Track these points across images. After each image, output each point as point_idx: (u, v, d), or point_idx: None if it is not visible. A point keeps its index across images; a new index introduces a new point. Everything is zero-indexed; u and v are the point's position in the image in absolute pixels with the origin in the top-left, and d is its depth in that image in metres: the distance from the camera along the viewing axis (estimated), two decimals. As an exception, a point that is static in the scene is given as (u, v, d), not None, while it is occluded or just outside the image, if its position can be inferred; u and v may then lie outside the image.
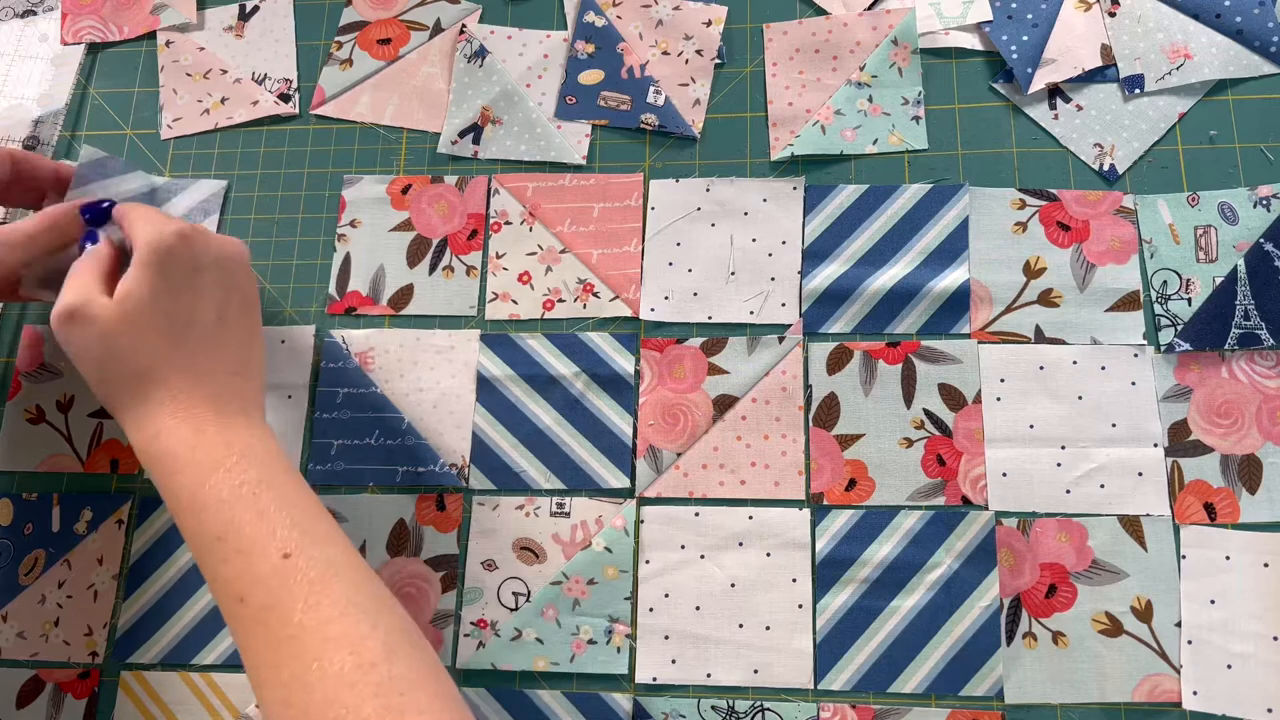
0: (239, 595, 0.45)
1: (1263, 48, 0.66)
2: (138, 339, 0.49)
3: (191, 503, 0.47)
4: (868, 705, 0.57)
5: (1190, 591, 0.57)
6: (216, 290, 0.53)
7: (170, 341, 0.50)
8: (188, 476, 0.47)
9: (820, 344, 0.63)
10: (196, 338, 0.51)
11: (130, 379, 0.50)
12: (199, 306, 0.52)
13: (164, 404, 0.49)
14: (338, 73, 0.73)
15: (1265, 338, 0.59)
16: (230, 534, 0.46)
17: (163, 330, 0.50)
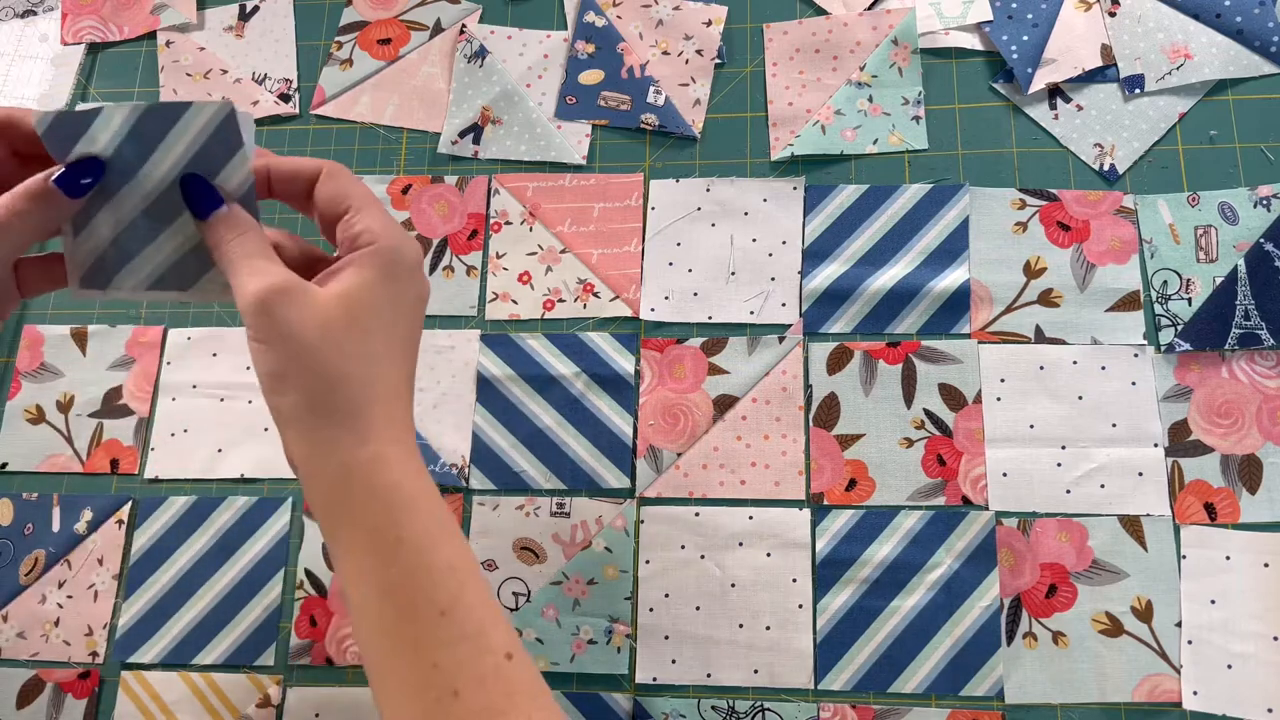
0: (454, 690, 0.37)
1: (1263, 48, 0.66)
2: (365, 341, 0.40)
3: (418, 560, 0.38)
4: (868, 705, 0.57)
5: (1190, 591, 0.57)
6: (420, 329, 0.44)
7: (390, 354, 0.41)
8: (417, 525, 0.39)
9: (820, 344, 0.63)
10: (407, 363, 0.43)
11: (353, 391, 0.40)
12: (413, 333, 0.43)
13: (384, 426, 0.40)
14: (338, 73, 0.73)
15: (1265, 338, 0.59)
16: (459, 612, 0.38)
17: (387, 340, 0.41)
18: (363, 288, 0.41)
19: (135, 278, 0.44)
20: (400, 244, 0.42)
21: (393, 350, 0.42)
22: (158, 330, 0.68)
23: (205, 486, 0.64)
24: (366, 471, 0.39)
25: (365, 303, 0.41)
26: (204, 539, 0.63)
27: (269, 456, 0.64)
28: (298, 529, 0.63)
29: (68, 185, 0.41)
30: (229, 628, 0.61)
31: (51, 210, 0.41)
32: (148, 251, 0.44)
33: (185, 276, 0.45)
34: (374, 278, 0.41)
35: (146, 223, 0.44)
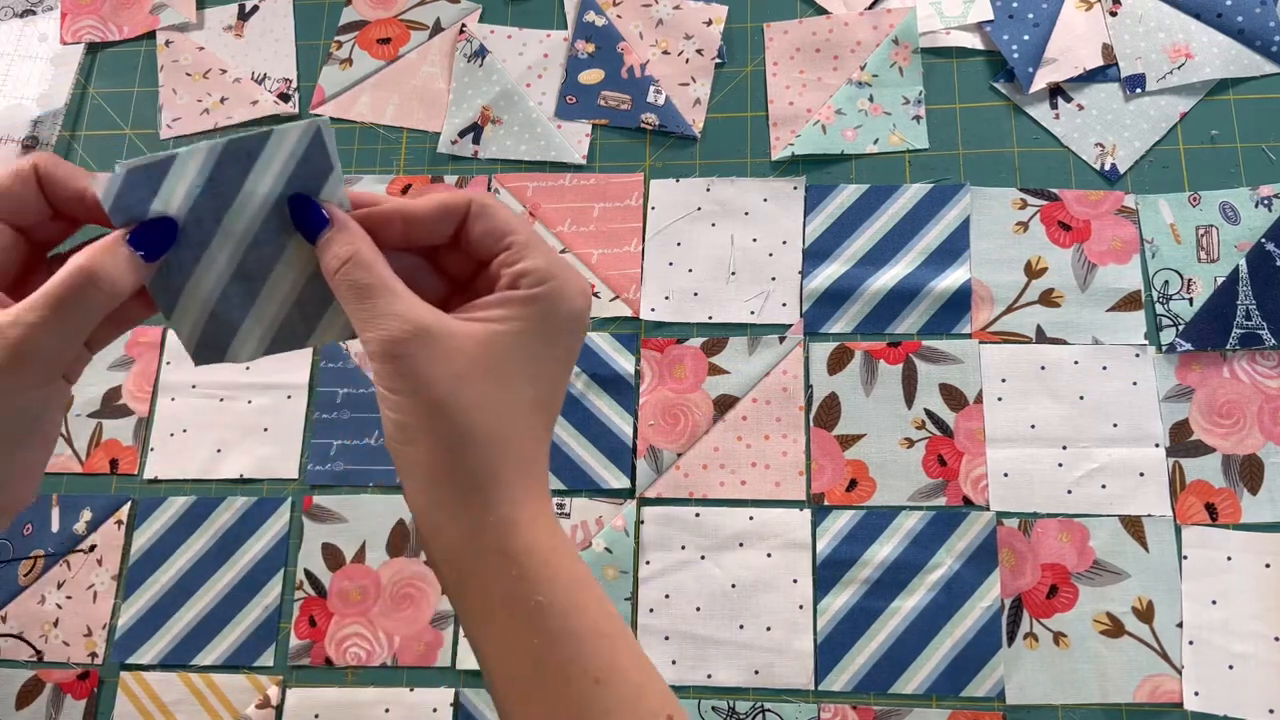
0: None
1: (1264, 47, 0.66)
2: (506, 394, 0.36)
3: (561, 627, 0.35)
4: (868, 706, 0.57)
5: (1191, 592, 0.57)
6: (568, 376, 0.39)
7: (531, 408, 0.37)
8: (556, 590, 0.35)
9: (821, 344, 0.63)
10: (550, 415, 0.38)
11: (491, 450, 0.36)
12: (560, 384, 0.38)
13: (516, 485, 0.36)
14: (337, 72, 0.73)
15: (1267, 338, 0.59)
16: (614, 677, 0.35)
17: (531, 392, 0.37)
18: (510, 335, 0.35)
19: (248, 347, 0.39)
20: (567, 290, 0.36)
21: (535, 404, 0.37)
22: (157, 330, 0.67)
23: (205, 487, 0.64)
24: (498, 535, 0.35)
25: (511, 352, 0.35)
26: (203, 539, 0.63)
27: (268, 457, 0.64)
28: (297, 529, 0.63)
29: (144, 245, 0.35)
30: (228, 628, 0.61)
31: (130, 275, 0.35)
32: (251, 317, 0.39)
33: (296, 334, 0.39)
34: (528, 326, 0.36)
35: (239, 286, 0.38)
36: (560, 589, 0.36)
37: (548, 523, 0.37)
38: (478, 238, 0.36)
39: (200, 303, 0.38)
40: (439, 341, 0.34)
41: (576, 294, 0.37)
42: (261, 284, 0.39)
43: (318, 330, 0.39)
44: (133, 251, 0.34)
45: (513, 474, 0.36)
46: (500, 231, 0.36)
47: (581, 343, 0.39)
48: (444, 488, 0.35)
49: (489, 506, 0.35)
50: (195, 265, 0.37)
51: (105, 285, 0.33)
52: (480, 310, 0.36)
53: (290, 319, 0.39)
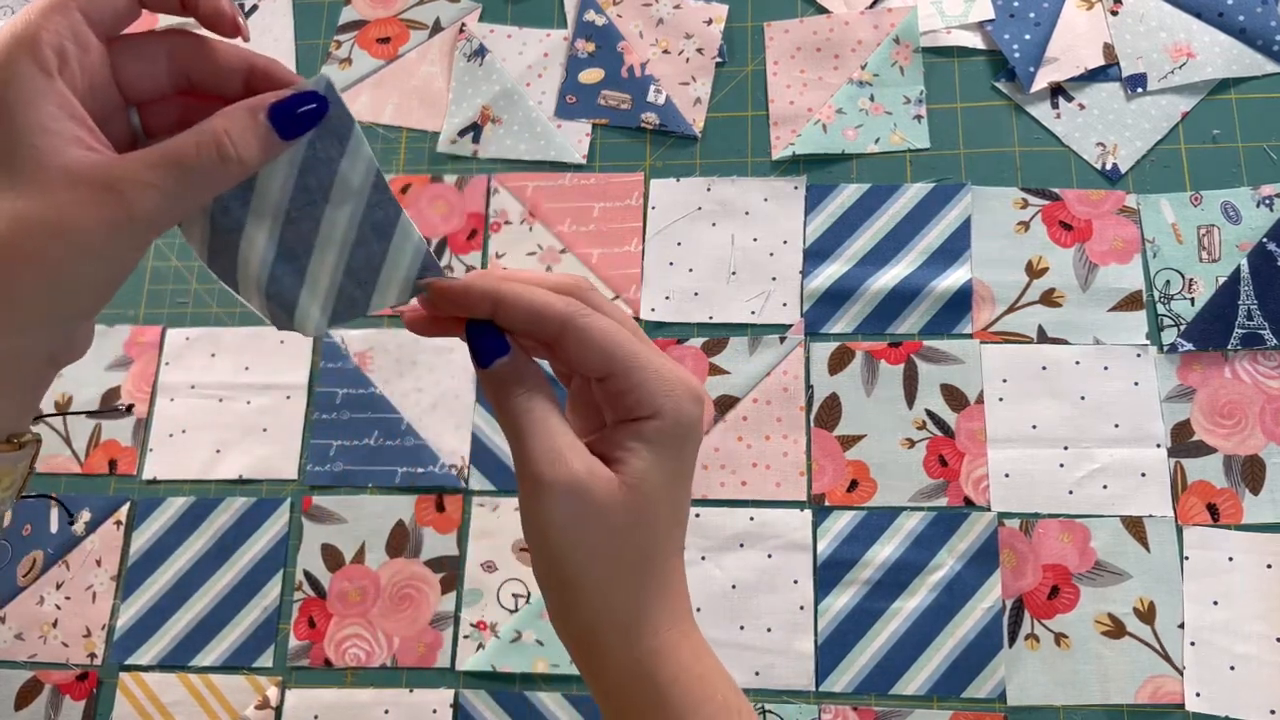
0: None
1: (1265, 47, 0.66)
2: (647, 535, 0.35)
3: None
4: (869, 707, 0.56)
5: (1193, 592, 0.57)
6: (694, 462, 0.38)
7: (670, 539, 0.36)
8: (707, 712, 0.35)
9: (822, 344, 0.63)
10: (683, 535, 0.38)
11: (633, 592, 0.35)
12: (688, 504, 0.38)
13: (669, 615, 0.36)
14: (337, 72, 0.73)
15: (1269, 338, 0.59)
16: None
17: (668, 525, 0.36)
18: (650, 478, 0.34)
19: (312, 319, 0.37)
20: (682, 406, 0.34)
21: (672, 529, 0.36)
22: (156, 330, 0.67)
23: (204, 487, 0.64)
24: (646, 668, 0.35)
25: (653, 493, 0.34)
26: (202, 540, 0.62)
27: (267, 457, 0.64)
28: (296, 530, 0.62)
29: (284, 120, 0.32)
30: (227, 629, 0.61)
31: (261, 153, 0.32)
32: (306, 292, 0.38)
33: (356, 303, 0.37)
34: (664, 463, 0.34)
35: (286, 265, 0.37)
36: (708, 712, 0.35)
37: (692, 647, 0.37)
38: (575, 358, 0.34)
39: (255, 282, 0.37)
40: (593, 497, 0.33)
41: (691, 404, 0.35)
42: (307, 260, 0.37)
43: (375, 296, 0.37)
44: (271, 127, 0.32)
45: (655, 606, 0.36)
46: (600, 355, 0.33)
47: (699, 445, 0.37)
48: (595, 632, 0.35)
49: (636, 642, 0.35)
50: (237, 248, 0.36)
51: (234, 158, 0.31)
52: (616, 451, 0.34)
53: (346, 289, 0.38)
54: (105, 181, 0.29)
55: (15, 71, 0.29)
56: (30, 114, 0.29)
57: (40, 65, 0.30)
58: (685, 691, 0.35)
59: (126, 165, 0.30)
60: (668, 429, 0.34)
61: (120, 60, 0.34)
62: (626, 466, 0.34)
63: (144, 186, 0.30)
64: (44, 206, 0.28)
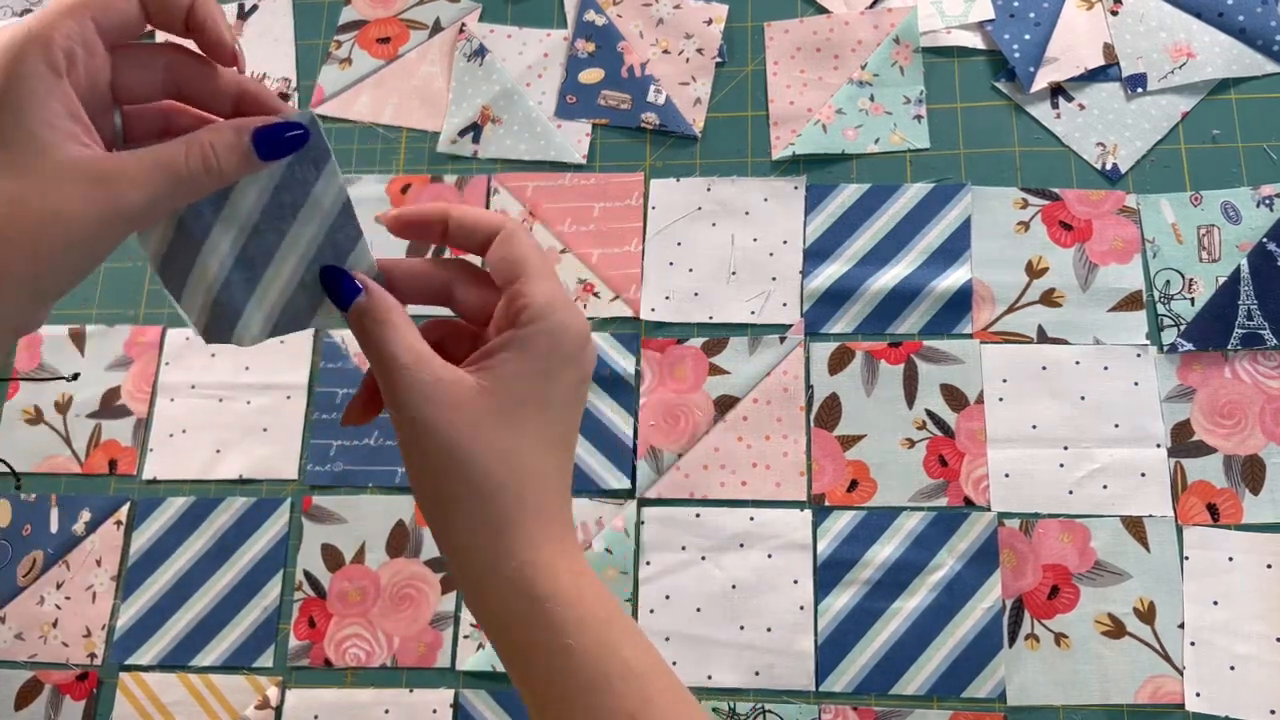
0: None
1: (1265, 47, 0.66)
2: (515, 437, 0.37)
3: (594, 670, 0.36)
4: (869, 707, 0.56)
5: (1193, 592, 0.57)
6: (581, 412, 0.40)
7: (546, 451, 0.38)
8: (588, 631, 0.36)
9: (822, 344, 0.63)
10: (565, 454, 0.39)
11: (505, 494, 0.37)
12: (571, 422, 0.39)
13: (537, 529, 0.37)
14: (337, 72, 0.73)
15: (1269, 338, 0.59)
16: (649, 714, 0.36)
17: (542, 434, 0.38)
18: (515, 378, 0.36)
19: (252, 330, 0.40)
20: (563, 322, 0.37)
21: (548, 444, 0.38)
22: (156, 330, 0.67)
23: (204, 487, 0.64)
24: (521, 581, 0.36)
25: (517, 395, 0.37)
26: (202, 540, 0.62)
27: (267, 457, 0.64)
28: (296, 530, 0.62)
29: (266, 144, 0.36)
30: (228, 629, 0.61)
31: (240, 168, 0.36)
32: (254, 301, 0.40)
33: (300, 316, 0.41)
34: (528, 365, 0.37)
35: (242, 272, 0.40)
36: (589, 631, 0.36)
37: (571, 564, 0.37)
38: (495, 265, 0.38)
39: (205, 287, 0.40)
40: (450, 391, 0.35)
41: (573, 325, 0.37)
42: (264, 269, 0.40)
43: (320, 312, 0.40)
44: (252, 148, 0.35)
45: (531, 518, 0.37)
46: (515, 261, 0.37)
47: (587, 380, 0.39)
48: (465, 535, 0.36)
49: (509, 554, 0.36)
50: (198, 252, 0.39)
51: (216, 170, 0.35)
52: (486, 357, 0.37)
53: (294, 302, 0.41)
54: (99, 176, 0.32)
55: (28, 68, 0.32)
56: (38, 109, 0.32)
57: (51, 65, 0.33)
58: (565, 607, 0.36)
59: (119, 163, 0.33)
60: (543, 335, 0.36)
61: (121, 65, 0.37)
62: (491, 371, 0.36)
63: (133, 184, 0.33)
64: (42, 194, 0.31)
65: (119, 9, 0.36)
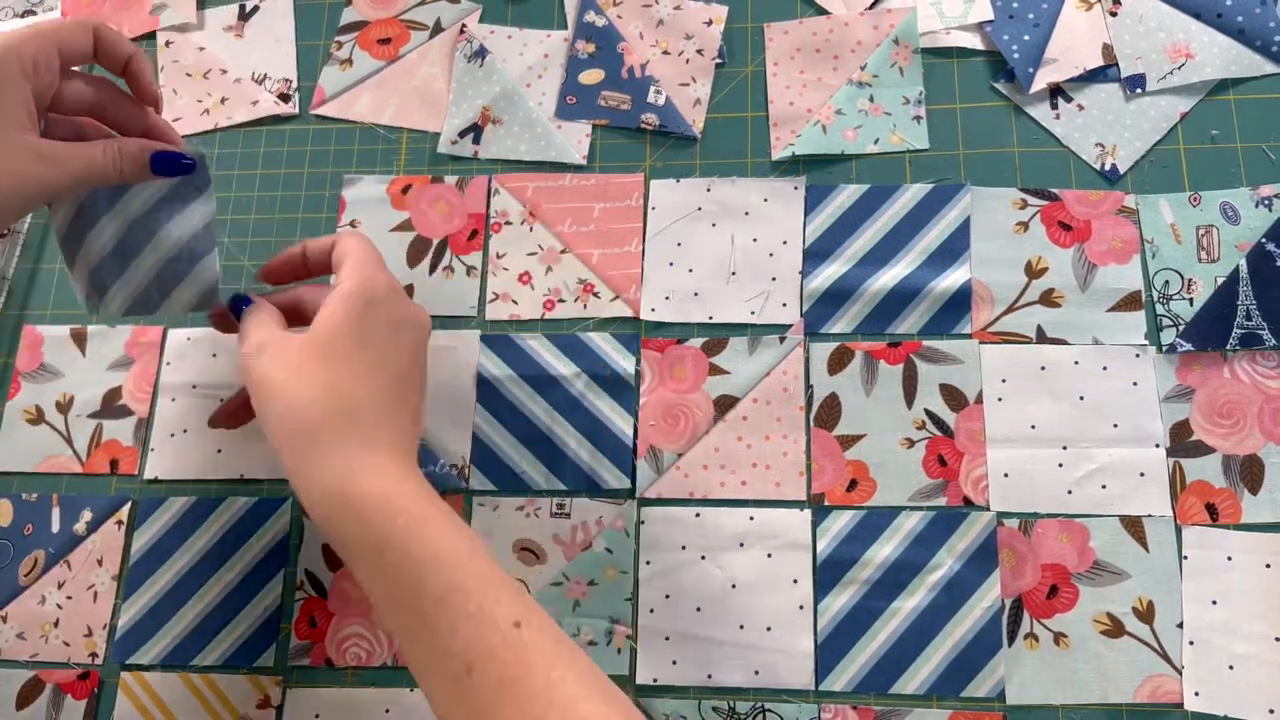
0: (467, 666, 0.40)
1: (1264, 47, 0.66)
2: (333, 370, 0.46)
3: (405, 557, 0.42)
4: (869, 706, 0.57)
5: (1192, 592, 0.57)
6: (404, 351, 0.50)
7: (364, 379, 0.47)
8: (398, 526, 0.43)
9: (821, 344, 0.63)
10: (386, 382, 0.48)
11: (323, 415, 0.45)
12: (388, 356, 0.49)
13: (362, 443, 0.45)
14: (338, 72, 0.73)
15: (1267, 338, 0.59)
16: (454, 596, 0.41)
17: (357, 366, 0.47)
18: (328, 324, 0.47)
19: (111, 307, 0.53)
20: (367, 277, 0.49)
21: (366, 373, 0.47)
22: (157, 331, 0.68)
23: (205, 487, 0.64)
24: (341, 487, 0.44)
25: (331, 338, 0.47)
26: (204, 540, 0.63)
27: (269, 457, 0.64)
28: (297, 530, 0.63)
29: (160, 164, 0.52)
30: (229, 629, 0.61)
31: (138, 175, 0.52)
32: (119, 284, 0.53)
33: (150, 303, 0.54)
34: (340, 314, 0.47)
35: (115, 259, 0.53)
36: (399, 525, 0.43)
37: (396, 471, 0.45)
38: (335, 263, 0.52)
39: (88, 265, 0.53)
40: (278, 346, 0.47)
41: (376, 280, 0.49)
42: (132, 260, 0.53)
43: (166, 304, 0.54)
44: (149, 165, 0.51)
45: (350, 434, 0.45)
46: (341, 252, 0.51)
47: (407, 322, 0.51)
48: (301, 456, 0.45)
49: (334, 465, 0.44)
50: (87, 235, 0.53)
51: (119, 171, 0.50)
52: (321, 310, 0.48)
53: (148, 291, 0.54)
54: (43, 154, 0.47)
55: (9, 72, 0.46)
56: (9, 101, 0.46)
57: (23, 71, 0.47)
58: (375, 506, 0.43)
59: (56, 148, 0.48)
60: (349, 286, 0.48)
61: (65, 83, 0.50)
62: (312, 326, 0.48)
63: (64, 164, 0.48)
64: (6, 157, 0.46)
65: (77, 44, 0.50)
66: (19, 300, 0.69)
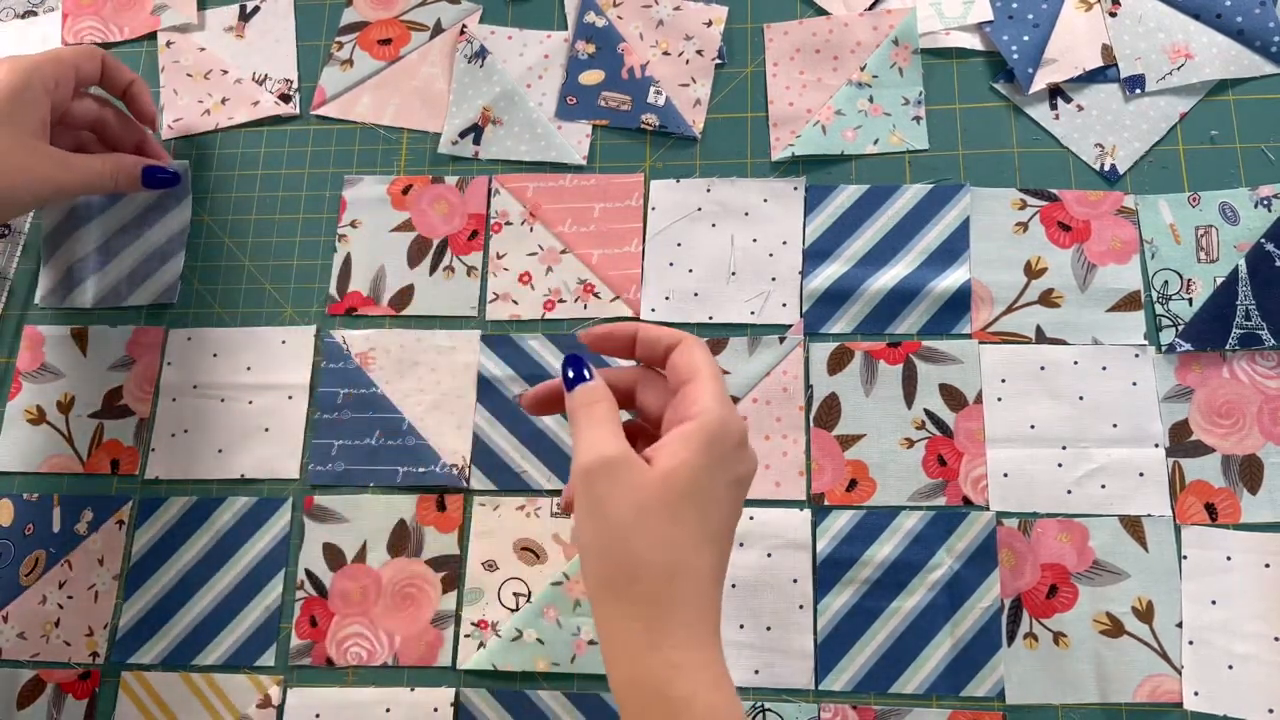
0: None
1: (1263, 48, 0.66)
2: (674, 526, 0.39)
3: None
4: (868, 706, 0.57)
5: (1191, 592, 0.57)
6: (737, 515, 0.43)
7: (702, 543, 0.40)
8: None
9: (821, 344, 0.63)
10: (718, 548, 0.41)
11: (649, 573, 0.39)
12: (729, 521, 0.42)
13: (682, 626, 0.39)
14: (338, 73, 0.73)
15: (1266, 338, 0.59)
16: None
17: (697, 526, 0.40)
18: (683, 467, 0.39)
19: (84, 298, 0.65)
20: (725, 418, 0.41)
21: (706, 538, 0.40)
22: (158, 331, 0.68)
23: (205, 487, 0.64)
24: (659, 679, 0.38)
25: (684, 484, 0.39)
26: (204, 539, 0.63)
27: (269, 457, 0.64)
28: (298, 529, 0.63)
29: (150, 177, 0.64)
30: (229, 628, 0.61)
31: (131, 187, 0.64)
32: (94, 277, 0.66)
33: (120, 295, 0.64)
34: (696, 456, 0.40)
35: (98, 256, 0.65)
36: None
37: (712, 672, 0.39)
38: (674, 368, 0.44)
39: (68, 260, 0.65)
40: (627, 471, 0.39)
41: (734, 422, 0.41)
42: (114, 257, 0.65)
43: (132, 297, 0.65)
44: (140, 179, 0.63)
45: (680, 613, 0.39)
46: (690, 366, 0.43)
47: (744, 482, 0.43)
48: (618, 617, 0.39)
49: (654, 647, 0.38)
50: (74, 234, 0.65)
51: (114, 183, 0.61)
52: (659, 449, 0.40)
53: (119, 285, 0.65)
54: (58, 160, 0.58)
55: (32, 84, 0.57)
56: (36, 111, 0.57)
57: (45, 88, 0.57)
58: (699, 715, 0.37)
59: (72, 158, 0.59)
60: (708, 430, 0.40)
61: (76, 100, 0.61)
62: (664, 459, 0.40)
63: (73, 171, 0.59)
64: (28, 156, 0.56)
65: (89, 69, 0.61)
66: (20, 300, 0.69)
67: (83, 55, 0.60)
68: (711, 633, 0.40)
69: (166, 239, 0.67)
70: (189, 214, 0.65)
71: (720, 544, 0.41)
